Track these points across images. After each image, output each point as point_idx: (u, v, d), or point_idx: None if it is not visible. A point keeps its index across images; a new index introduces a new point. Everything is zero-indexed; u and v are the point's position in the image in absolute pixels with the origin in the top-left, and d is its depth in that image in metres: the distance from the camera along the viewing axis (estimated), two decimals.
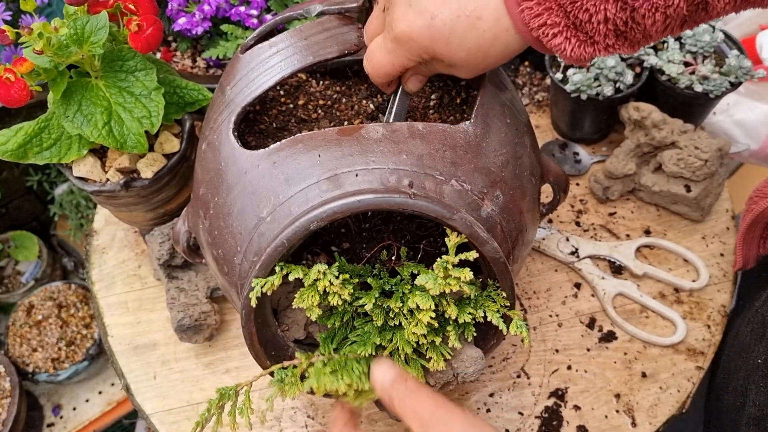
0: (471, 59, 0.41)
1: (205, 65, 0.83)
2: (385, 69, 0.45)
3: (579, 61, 0.40)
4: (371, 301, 0.46)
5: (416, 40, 0.41)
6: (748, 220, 0.65)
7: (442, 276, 0.43)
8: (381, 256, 0.51)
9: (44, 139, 0.62)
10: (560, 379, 0.68)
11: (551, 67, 0.80)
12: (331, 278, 0.43)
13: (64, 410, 1.17)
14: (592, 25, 0.37)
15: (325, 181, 0.42)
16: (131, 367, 0.71)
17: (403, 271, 0.48)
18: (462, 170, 0.44)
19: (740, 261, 0.69)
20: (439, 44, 0.40)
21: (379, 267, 0.49)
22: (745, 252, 0.68)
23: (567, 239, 0.76)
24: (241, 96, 0.49)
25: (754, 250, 0.68)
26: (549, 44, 0.39)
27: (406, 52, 0.42)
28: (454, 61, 0.42)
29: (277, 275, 0.43)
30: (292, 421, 0.66)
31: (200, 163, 0.50)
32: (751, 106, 0.83)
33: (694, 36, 0.76)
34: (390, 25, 0.42)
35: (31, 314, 1.17)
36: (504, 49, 0.40)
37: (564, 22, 0.38)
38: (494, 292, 0.46)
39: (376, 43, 0.45)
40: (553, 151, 0.85)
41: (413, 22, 0.40)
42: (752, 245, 0.68)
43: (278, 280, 0.43)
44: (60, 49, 0.56)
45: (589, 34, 0.38)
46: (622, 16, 0.37)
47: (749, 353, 0.59)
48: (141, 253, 0.80)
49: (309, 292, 0.44)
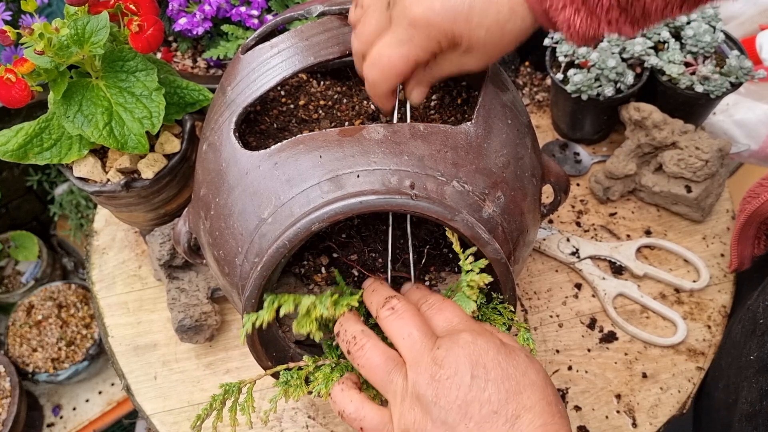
0: (490, 38, 0.41)
1: (205, 65, 0.83)
2: (397, 67, 0.42)
3: (583, 39, 0.40)
4: None
5: (435, 22, 0.40)
6: (741, 221, 0.65)
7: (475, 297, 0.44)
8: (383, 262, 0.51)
9: (45, 140, 0.62)
10: (561, 379, 0.68)
11: (552, 67, 0.80)
12: (323, 311, 0.44)
13: (64, 410, 1.17)
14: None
15: (326, 182, 0.42)
16: (132, 368, 0.71)
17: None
18: (463, 171, 0.44)
19: (735, 262, 0.70)
20: (459, 24, 0.40)
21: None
22: (740, 252, 0.69)
23: (567, 240, 0.76)
24: (242, 96, 0.49)
25: (748, 251, 0.68)
26: (557, 18, 0.39)
27: (423, 39, 0.41)
28: (473, 42, 0.41)
29: (268, 309, 0.43)
30: (293, 422, 0.66)
31: (201, 163, 0.50)
32: (751, 107, 0.83)
33: (694, 36, 0.76)
34: (402, 14, 0.41)
35: (31, 314, 1.17)
36: (520, 24, 0.40)
37: None
38: (501, 305, 0.47)
39: (383, 41, 0.43)
40: (553, 151, 0.85)
41: (431, 3, 0.39)
42: (746, 246, 0.68)
43: (270, 315, 0.43)
44: (61, 50, 0.56)
45: (592, 7, 0.38)
46: None
47: (740, 350, 0.59)
48: (141, 253, 0.80)
49: (304, 321, 0.45)
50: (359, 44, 0.45)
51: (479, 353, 0.39)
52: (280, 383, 0.47)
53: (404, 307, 0.43)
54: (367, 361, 0.42)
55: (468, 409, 0.37)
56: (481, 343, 0.40)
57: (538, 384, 0.39)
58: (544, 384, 0.39)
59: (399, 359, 0.41)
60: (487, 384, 0.38)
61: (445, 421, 0.37)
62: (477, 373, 0.38)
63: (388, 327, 0.43)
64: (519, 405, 0.37)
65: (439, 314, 0.43)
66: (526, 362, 0.40)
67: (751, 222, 0.64)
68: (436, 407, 0.38)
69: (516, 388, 0.38)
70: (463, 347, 0.39)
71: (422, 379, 0.39)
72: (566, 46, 0.79)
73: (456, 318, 0.43)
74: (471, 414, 0.37)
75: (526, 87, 0.91)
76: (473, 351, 0.39)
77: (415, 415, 0.38)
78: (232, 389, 0.47)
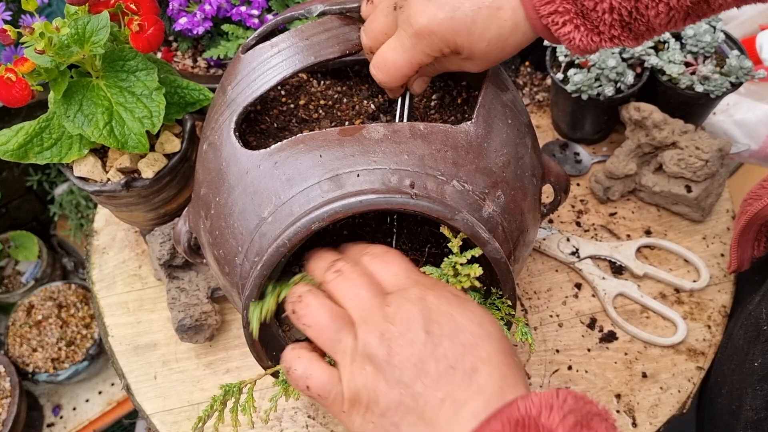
0: (490, 50, 0.42)
1: (205, 65, 0.83)
2: (403, 70, 0.44)
3: (585, 51, 0.40)
4: None
5: (438, 33, 0.41)
6: (742, 222, 0.65)
7: (452, 274, 0.43)
8: None
9: (45, 139, 0.62)
10: (561, 379, 0.68)
11: (552, 67, 0.80)
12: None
13: (64, 410, 1.17)
14: (597, 14, 0.38)
15: (326, 181, 0.42)
16: (132, 368, 0.71)
17: None
18: (463, 171, 0.44)
19: (735, 263, 0.69)
20: (461, 36, 0.41)
21: None
22: (740, 254, 0.68)
23: (568, 239, 0.76)
24: (243, 96, 0.49)
25: (748, 252, 0.68)
26: (558, 33, 0.39)
27: (426, 47, 0.42)
28: (473, 53, 0.42)
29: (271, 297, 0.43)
30: (293, 421, 0.66)
31: (201, 163, 0.50)
32: (751, 106, 0.83)
33: (695, 36, 0.76)
34: (407, 22, 0.42)
35: (31, 314, 1.17)
36: (521, 38, 0.41)
37: (573, 10, 0.38)
38: (498, 300, 0.47)
39: (388, 45, 0.44)
40: (553, 151, 0.85)
41: (435, 15, 0.40)
42: (746, 247, 0.68)
43: (273, 303, 0.43)
44: (61, 49, 0.56)
45: (594, 23, 0.39)
46: (627, 5, 0.37)
47: (743, 356, 0.59)
48: (141, 253, 0.80)
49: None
50: (367, 40, 0.47)
51: (431, 308, 0.37)
52: (279, 382, 0.47)
53: (350, 268, 0.41)
54: (313, 319, 0.39)
55: (423, 366, 0.35)
56: (432, 297, 0.38)
57: (494, 335, 0.37)
58: (499, 335, 0.38)
59: (348, 318, 0.39)
60: (442, 339, 0.36)
61: (399, 380, 0.35)
62: (430, 329, 0.36)
63: (334, 289, 0.41)
64: (476, 358, 0.36)
65: (384, 268, 0.41)
66: (480, 313, 0.39)
67: (752, 224, 0.64)
68: (390, 366, 0.36)
69: (472, 340, 0.36)
70: (414, 302, 0.38)
71: (373, 338, 0.37)
72: None
73: (402, 271, 0.41)
74: (427, 371, 0.35)
75: (526, 87, 0.91)
76: (425, 306, 0.37)
77: (366, 376, 0.37)
78: (233, 390, 0.47)
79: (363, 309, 0.38)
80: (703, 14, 0.39)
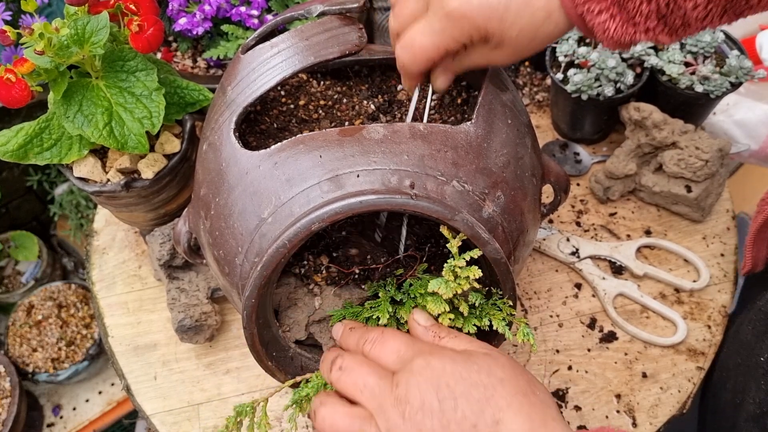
0: (521, 39, 0.41)
1: (205, 65, 0.83)
2: (428, 53, 0.43)
3: (619, 43, 0.40)
4: (385, 315, 0.46)
5: (470, 16, 0.40)
6: (759, 221, 0.64)
7: (452, 279, 0.43)
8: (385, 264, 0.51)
9: (45, 140, 0.62)
10: (561, 379, 0.68)
11: (552, 67, 0.80)
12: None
13: (64, 410, 1.17)
14: (635, 3, 0.38)
15: (326, 181, 0.42)
16: (132, 368, 0.71)
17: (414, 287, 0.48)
18: (463, 171, 0.44)
19: (749, 264, 0.69)
20: (493, 22, 0.40)
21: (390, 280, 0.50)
22: (755, 254, 0.68)
23: (567, 239, 0.76)
24: (242, 96, 0.49)
25: (763, 252, 0.68)
26: (592, 22, 0.39)
27: (455, 31, 0.41)
28: (503, 40, 0.41)
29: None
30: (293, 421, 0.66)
31: (201, 163, 0.50)
32: (751, 106, 0.83)
33: (694, 36, 0.76)
34: (439, 4, 0.41)
35: (31, 314, 1.17)
36: (553, 29, 0.41)
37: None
38: (500, 300, 0.47)
39: (417, 27, 0.43)
40: (553, 151, 0.85)
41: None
42: (762, 247, 0.67)
43: None
44: (61, 50, 0.56)
45: (631, 13, 0.38)
46: None
47: (750, 351, 0.59)
48: (141, 253, 0.80)
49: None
50: (396, 24, 0.46)
51: (437, 374, 0.38)
52: (294, 400, 0.48)
53: (350, 361, 0.42)
54: (332, 428, 0.40)
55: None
56: (436, 362, 0.39)
57: (506, 379, 0.38)
58: (511, 375, 0.38)
59: (365, 413, 0.40)
60: (457, 401, 0.37)
61: None
62: (443, 395, 0.37)
63: (342, 387, 0.42)
64: (495, 409, 0.36)
65: (384, 348, 0.42)
66: (487, 361, 0.39)
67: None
68: None
69: (485, 393, 0.37)
70: (420, 374, 0.38)
71: (394, 423, 0.38)
72: (566, 46, 0.79)
73: (402, 345, 0.42)
74: None
75: (526, 87, 0.91)
76: (431, 374, 0.38)
77: None
78: (246, 410, 0.47)
79: (375, 398, 0.39)
80: (741, 12, 0.39)
